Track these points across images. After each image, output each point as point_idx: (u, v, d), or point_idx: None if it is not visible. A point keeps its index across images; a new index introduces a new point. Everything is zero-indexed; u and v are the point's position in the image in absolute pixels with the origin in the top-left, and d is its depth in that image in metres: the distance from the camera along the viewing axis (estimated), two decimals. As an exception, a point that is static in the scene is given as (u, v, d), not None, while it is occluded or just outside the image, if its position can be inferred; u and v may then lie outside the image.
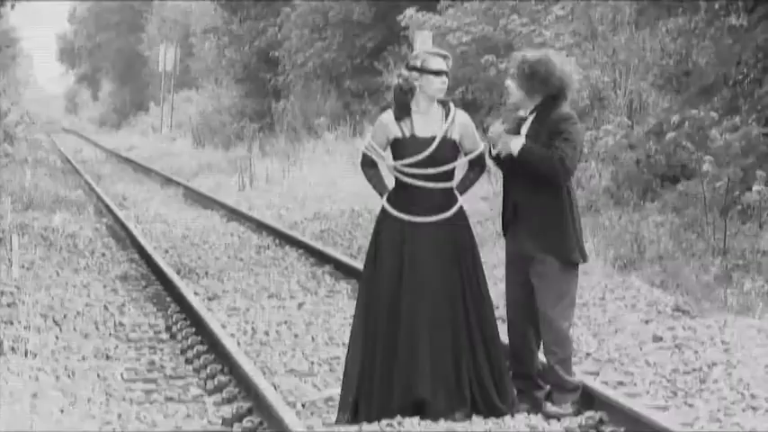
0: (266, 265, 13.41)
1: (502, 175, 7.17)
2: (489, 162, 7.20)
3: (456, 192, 7.05)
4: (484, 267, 7.09)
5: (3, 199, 17.07)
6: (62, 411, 6.89)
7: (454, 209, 6.99)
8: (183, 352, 8.93)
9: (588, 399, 7.03)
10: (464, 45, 21.58)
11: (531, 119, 6.98)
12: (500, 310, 7.84)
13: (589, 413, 6.86)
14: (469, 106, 20.06)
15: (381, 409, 6.78)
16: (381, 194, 7.04)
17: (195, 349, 8.84)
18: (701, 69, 15.82)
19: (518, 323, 7.06)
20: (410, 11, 23.08)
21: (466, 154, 7.08)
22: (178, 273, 12.50)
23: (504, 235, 7.15)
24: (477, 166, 7.19)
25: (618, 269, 12.34)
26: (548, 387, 7.09)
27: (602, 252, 12.74)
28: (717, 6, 15.35)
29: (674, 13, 16.31)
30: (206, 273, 12.88)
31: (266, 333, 9.49)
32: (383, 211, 7.02)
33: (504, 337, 7.13)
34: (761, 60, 14.72)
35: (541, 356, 7.13)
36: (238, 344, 8.84)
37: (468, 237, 7.02)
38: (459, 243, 6.98)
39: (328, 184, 21.28)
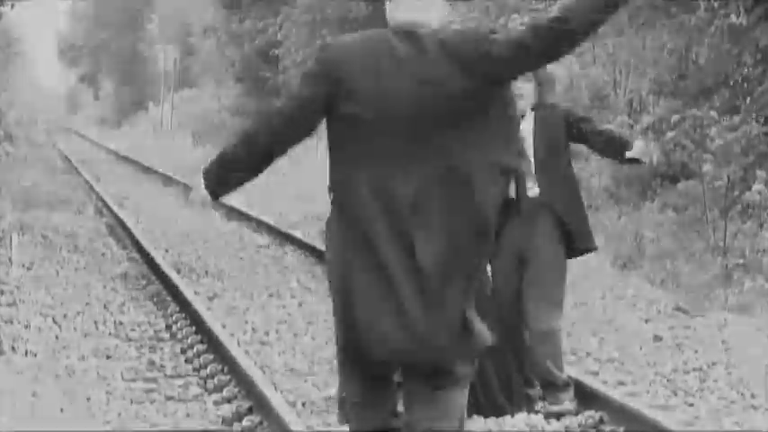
0: (266, 265, 13.41)
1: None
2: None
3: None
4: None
5: (3, 199, 17.07)
6: (62, 411, 6.89)
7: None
8: (182, 351, 8.94)
9: (588, 398, 7.03)
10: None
11: (532, 116, 6.97)
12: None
13: (589, 413, 6.87)
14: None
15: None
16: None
17: (195, 348, 8.85)
18: (700, 68, 15.82)
19: (508, 323, 7.04)
20: None
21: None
22: (178, 272, 12.50)
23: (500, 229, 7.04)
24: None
25: (618, 268, 12.35)
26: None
27: (602, 252, 12.75)
28: (716, 6, 15.35)
29: (673, 12, 16.32)
30: (206, 272, 12.88)
31: (266, 332, 9.49)
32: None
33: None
34: (760, 61, 14.72)
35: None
36: (238, 343, 8.85)
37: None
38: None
39: (329, 182, 21.27)
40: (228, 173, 4.25)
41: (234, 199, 21.29)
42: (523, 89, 6.94)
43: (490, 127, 4.11)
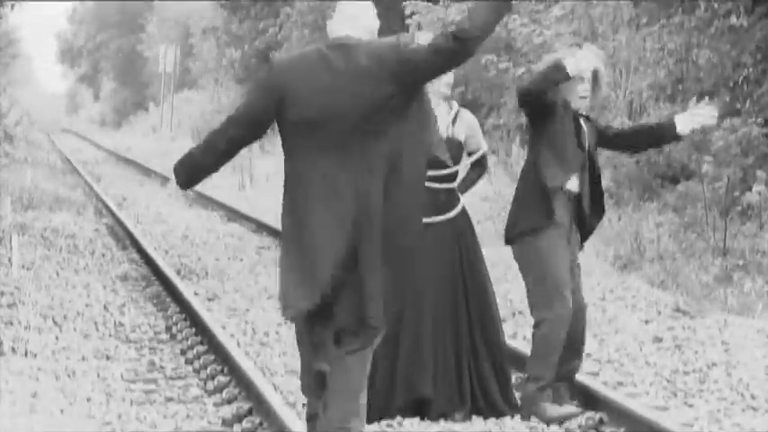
0: (266, 266, 13.40)
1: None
2: (490, 163, 7.26)
3: (458, 192, 7.07)
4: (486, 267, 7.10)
5: (3, 199, 17.07)
6: (62, 411, 6.89)
7: (457, 209, 7.00)
8: (183, 352, 8.94)
9: (588, 399, 7.03)
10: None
11: (584, 120, 6.99)
12: (503, 311, 7.87)
13: (589, 413, 6.87)
14: (469, 106, 20.03)
15: (382, 409, 6.77)
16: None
17: (195, 350, 8.85)
18: (700, 69, 15.82)
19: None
20: (415, 1, 22.96)
21: (469, 154, 7.10)
22: (178, 273, 12.50)
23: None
24: (478, 167, 7.22)
25: (618, 269, 12.34)
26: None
27: (603, 252, 12.75)
28: (716, 6, 15.34)
29: (673, 12, 16.32)
30: (206, 273, 12.88)
31: (266, 334, 9.49)
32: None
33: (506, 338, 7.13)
34: (760, 61, 14.72)
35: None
36: (238, 344, 8.85)
37: (470, 237, 7.03)
38: (462, 244, 6.98)
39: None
40: (193, 172, 5.25)
41: (234, 200, 21.29)
42: (588, 92, 6.94)
43: (409, 120, 4.84)
